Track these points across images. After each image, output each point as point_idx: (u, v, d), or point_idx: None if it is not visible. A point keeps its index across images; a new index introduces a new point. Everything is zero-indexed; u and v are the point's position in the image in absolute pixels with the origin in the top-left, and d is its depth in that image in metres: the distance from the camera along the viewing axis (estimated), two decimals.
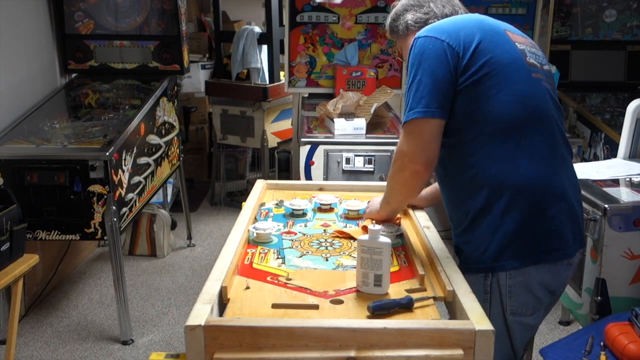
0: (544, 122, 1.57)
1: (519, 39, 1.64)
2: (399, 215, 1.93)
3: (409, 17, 1.74)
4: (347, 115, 3.15)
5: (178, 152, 3.96)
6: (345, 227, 1.86)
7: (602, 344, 1.73)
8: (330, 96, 3.67)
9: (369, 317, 1.32)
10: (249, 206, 1.97)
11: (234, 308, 1.37)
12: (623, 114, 2.72)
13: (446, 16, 1.70)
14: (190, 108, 5.09)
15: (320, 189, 2.22)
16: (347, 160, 2.97)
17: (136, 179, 3.21)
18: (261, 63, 4.83)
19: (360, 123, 3.07)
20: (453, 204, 1.70)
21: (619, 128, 2.90)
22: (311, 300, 1.40)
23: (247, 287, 1.45)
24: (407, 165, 1.58)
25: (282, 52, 4.44)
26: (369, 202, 1.94)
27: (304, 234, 1.79)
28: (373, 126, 3.17)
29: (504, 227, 1.56)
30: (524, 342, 1.67)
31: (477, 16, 1.68)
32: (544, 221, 1.57)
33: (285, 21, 3.84)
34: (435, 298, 1.41)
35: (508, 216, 1.55)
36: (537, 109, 1.57)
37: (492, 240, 1.57)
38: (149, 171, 3.40)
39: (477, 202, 1.58)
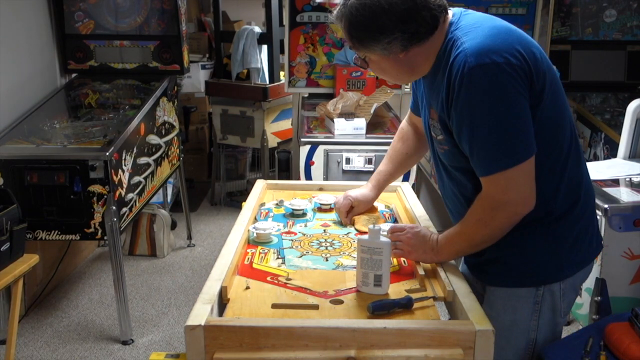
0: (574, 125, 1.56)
1: None
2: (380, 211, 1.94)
3: (397, 38, 1.40)
4: (347, 115, 3.15)
5: (178, 152, 3.96)
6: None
7: (602, 344, 1.72)
8: (330, 96, 3.67)
9: (368, 317, 1.32)
10: (249, 206, 1.97)
11: (234, 308, 1.37)
12: (623, 114, 2.73)
13: (436, 19, 1.42)
14: (190, 108, 5.09)
15: (320, 189, 2.22)
16: (347, 160, 2.97)
17: (136, 179, 3.21)
18: (261, 63, 4.83)
19: (360, 123, 3.07)
20: None
21: (619, 128, 2.90)
22: (311, 300, 1.40)
23: (247, 287, 1.45)
24: (517, 213, 1.42)
25: (282, 52, 4.43)
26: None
27: (304, 234, 1.79)
28: (373, 126, 3.18)
29: (564, 236, 1.51)
30: None
31: (495, 20, 1.47)
32: (591, 224, 1.57)
33: (285, 21, 3.84)
34: (435, 298, 1.41)
35: (569, 224, 1.50)
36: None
37: (548, 251, 1.50)
38: (149, 171, 3.40)
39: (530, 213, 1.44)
